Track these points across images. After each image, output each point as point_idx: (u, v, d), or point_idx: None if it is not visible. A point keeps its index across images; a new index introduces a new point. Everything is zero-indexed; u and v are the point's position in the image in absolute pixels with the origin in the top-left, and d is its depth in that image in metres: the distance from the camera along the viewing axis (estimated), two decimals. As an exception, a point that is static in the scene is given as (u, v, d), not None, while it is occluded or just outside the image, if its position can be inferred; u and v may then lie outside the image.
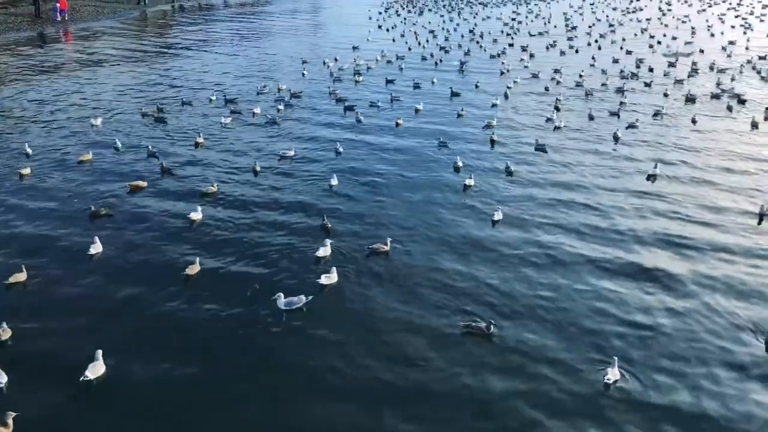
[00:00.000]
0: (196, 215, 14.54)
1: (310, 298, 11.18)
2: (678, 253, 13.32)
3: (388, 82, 28.95)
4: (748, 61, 32.74)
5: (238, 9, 62.14)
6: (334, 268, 12.09)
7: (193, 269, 12.22)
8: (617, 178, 17.63)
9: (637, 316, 11.06)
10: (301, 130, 21.87)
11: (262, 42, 41.86)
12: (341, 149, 19.51)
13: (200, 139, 20.17)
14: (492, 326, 10.47)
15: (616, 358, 9.69)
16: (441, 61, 34.12)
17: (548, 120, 23.07)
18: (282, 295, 11.12)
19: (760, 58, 33.68)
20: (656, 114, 23.40)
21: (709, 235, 14.11)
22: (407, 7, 59.73)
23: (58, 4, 45.29)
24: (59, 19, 45.43)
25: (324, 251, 12.89)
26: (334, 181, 16.79)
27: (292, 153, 18.98)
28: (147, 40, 41.90)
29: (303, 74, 30.28)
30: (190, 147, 19.85)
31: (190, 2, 63.69)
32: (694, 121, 22.77)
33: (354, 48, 37.42)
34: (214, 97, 25.51)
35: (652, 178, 17.46)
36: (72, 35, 42.37)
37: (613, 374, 9.42)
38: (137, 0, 56.99)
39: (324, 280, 11.98)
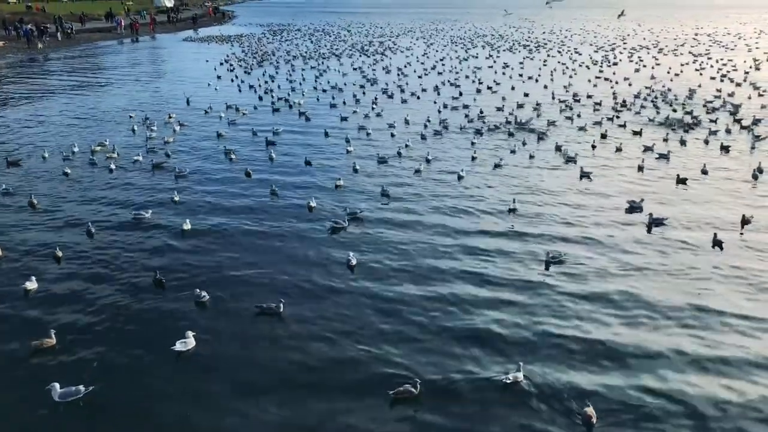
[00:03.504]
0: (32, 285, 13.86)
1: (90, 388, 10.21)
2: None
3: (219, 135, 28.61)
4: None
5: (73, 61, 59.41)
6: (190, 332, 11.75)
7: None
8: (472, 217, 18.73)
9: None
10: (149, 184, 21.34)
11: (95, 94, 40.26)
12: (177, 197, 19.62)
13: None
14: (419, 385, 10.43)
15: (521, 363, 10.83)
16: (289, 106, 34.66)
17: (394, 156, 24.55)
18: (57, 385, 10.09)
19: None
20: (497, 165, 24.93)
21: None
22: (251, 61, 59.74)
23: None
24: None
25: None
26: (187, 224, 17.07)
27: (148, 215, 18.20)
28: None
29: (133, 130, 29.33)
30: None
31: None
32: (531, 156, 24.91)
33: (188, 101, 36.92)
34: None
35: (512, 211, 18.87)
36: None
37: (514, 376, 10.60)
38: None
39: (179, 346, 11.49)
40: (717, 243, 16.43)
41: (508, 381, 10.66)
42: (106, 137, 27.72)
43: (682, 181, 21.75)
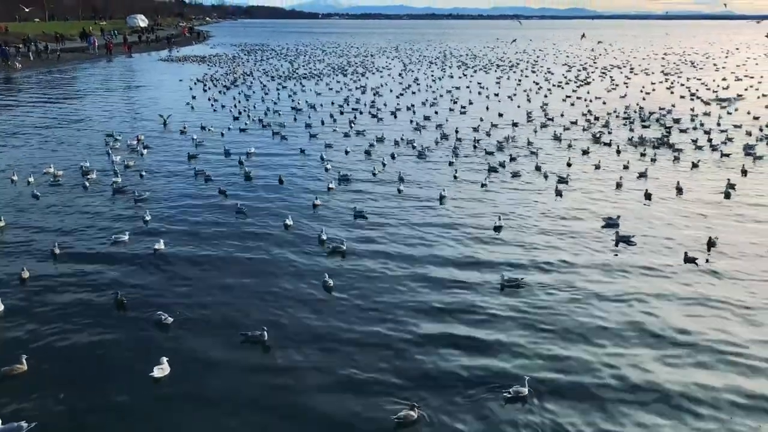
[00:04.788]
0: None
1: (33, 424, 9.78)
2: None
3: (191, 157, 28.27)
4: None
5: (47, 81, 58.73)
6: (165, 359, 11.50)
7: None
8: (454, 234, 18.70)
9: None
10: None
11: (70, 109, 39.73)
12: (148, 217, 19.32)
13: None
14: (416, 408, 10.20)
15: (527, 377, 10.82)
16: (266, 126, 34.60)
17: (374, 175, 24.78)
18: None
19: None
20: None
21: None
22: (226, 81, 59.54)
23: None
24: None
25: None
26: (159, 245, 17.03)
27: (125, 238, 17.77)
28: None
29: (108, 153, 28.64)
30: None
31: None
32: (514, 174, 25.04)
33: (165, 123, 36.64)
34: None
35: (498, 229, 18.89)
36: None
37: (515, 391, 10.57)
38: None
39: (157, 373, 11.22)
40: (689, 260, 16.55)
41: (509, 395, 10.61)
42: (79, 159, 27.22)
43: (648, 196, 22.08)
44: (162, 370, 11.19)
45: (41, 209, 20.81)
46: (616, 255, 17.08)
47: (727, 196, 22.49)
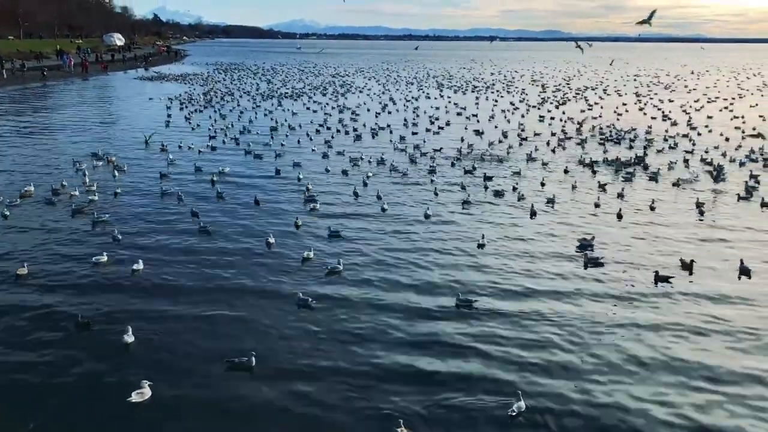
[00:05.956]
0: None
1: None
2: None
3: (162, 175, 27.88)
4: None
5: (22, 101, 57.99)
6: (146, 382, 11.21)
7: None
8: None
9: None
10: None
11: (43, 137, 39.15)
12: (119, 237, 19.10)
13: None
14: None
15: (520, 392, 10.84)
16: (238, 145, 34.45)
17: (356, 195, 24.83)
18: None
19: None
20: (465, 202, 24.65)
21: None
22: (202, 99, 59.28)
23: None
24: None
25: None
26: (139, 265, 16.78)
27: (105, 259, 17.35)
28: None
29: (82, 171, 28.03)
30: None
31: None
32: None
33: (146, 142, 36.32)
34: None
35: (481, 246, 18.96)
36: None
37: (518, 407, 10.55)
38: None
39: (136, 397, 10.87)
40: (660, 279, 16.64)
41: (513, 413, 10.56)
42: (50, 180, 26.68)
43: (620, 217, 22.31)
44: (142, 394, 10.92)
45: (6, 228, 20.34)
46: (584, 278, 16.90)
47: (700, 214, 22.78)
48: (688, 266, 17.48)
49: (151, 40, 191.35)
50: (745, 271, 17.28)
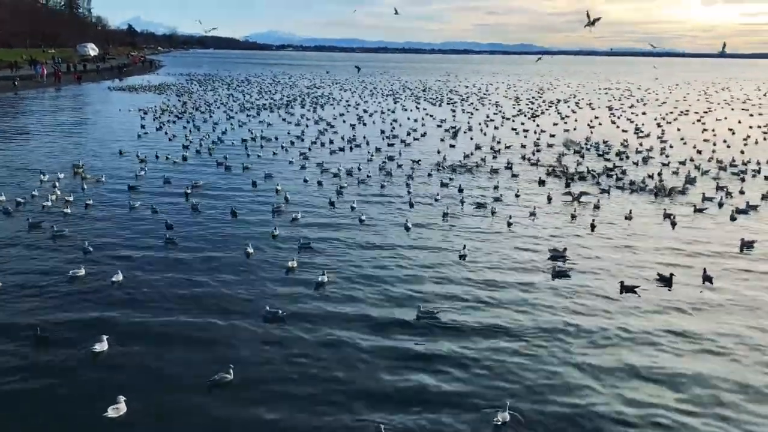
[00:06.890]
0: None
1: None
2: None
3: (131, 188, 27.34)
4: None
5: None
6: (122, 397, 10.99)
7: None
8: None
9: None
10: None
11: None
12: (91, 249, 18.82)
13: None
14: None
15: (507, 402, 10.95)
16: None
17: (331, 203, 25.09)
18: None
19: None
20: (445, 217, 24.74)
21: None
22: (177, 110, 58.80)
23: None
24: None
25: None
26: (119, 276, 16.60)
27: (82, 273, 16.99)
28: None
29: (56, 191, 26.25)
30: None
31: None
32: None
33: (120, 152, 35.94)
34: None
35: (462, 257, 19.15)
36: None
37: (502, 417, 10.58)
38: None
39: (112, 413, 10.67)
40: (627, 289, 16.88)
41: (498, 423, 10.61)
42: (17, 192, 26.11)
43: (593, 228, 22.66)
44: (117, 410, 10.76)
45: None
46: (554, 289, 17.07)
47: (673, 226, 23.20)
48: (667, 280, 17.58)
49: (125, 51, 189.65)
50: (708, 279, 17.76)
